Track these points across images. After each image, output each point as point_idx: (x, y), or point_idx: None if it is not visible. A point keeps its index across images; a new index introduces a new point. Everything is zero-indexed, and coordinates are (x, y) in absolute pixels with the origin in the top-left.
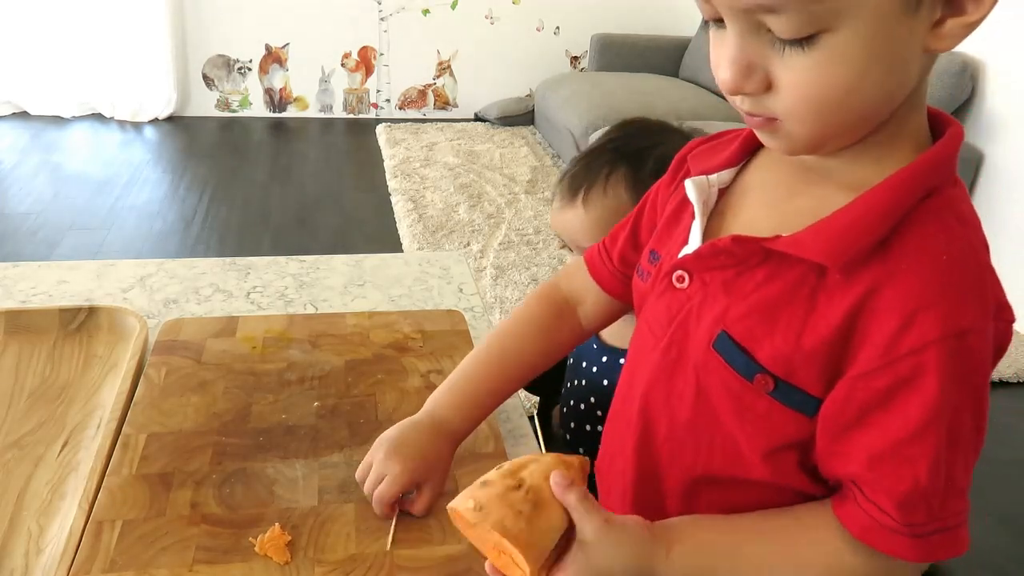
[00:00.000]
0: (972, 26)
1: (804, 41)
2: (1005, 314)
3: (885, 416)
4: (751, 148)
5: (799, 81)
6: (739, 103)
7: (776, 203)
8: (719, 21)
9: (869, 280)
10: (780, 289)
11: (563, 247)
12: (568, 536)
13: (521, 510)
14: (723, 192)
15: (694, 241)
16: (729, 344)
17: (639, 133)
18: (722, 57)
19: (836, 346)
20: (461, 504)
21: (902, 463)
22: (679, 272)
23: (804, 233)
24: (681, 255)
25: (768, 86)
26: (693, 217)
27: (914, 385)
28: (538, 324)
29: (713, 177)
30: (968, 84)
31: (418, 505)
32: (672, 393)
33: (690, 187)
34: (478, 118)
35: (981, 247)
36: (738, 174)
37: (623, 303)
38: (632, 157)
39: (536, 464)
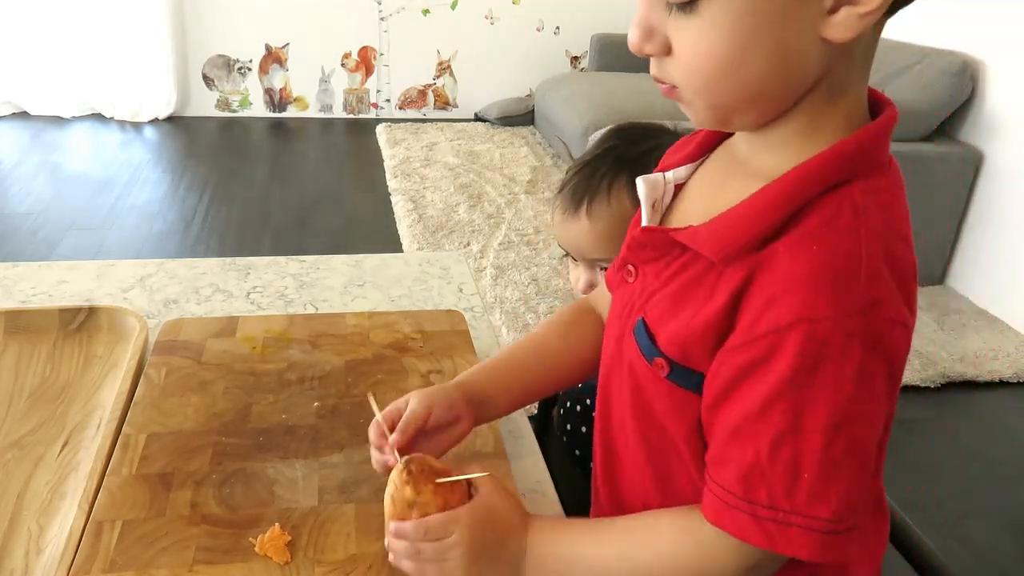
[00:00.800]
0: (867, 17)
1: (687, 6)
2: (886, 312)
3: (741, 392)
4: (709, 145)
5: (684, 46)
6: (651, 68)
7: (708, 196)
8: None
9: (754, 264)
10: (691, 276)
11: (565, 256)
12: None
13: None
14: (680, 188)
15: None
16: (642, 329)
17: (636, 137)
18: (633, 18)
19: (720, 326)
20: None
21: (748, 437)
22: (628, 266)
23: (703, 225)
24: None
25: (668, 51)
26: None
27: (767, 364)
28: (558, 319)
29: (670, 174)
30: (968, 84)
31: None
32: (620, 384)
33: (640, 184)
34: (478, 118)
35: (876, 241)
36: (696, 171)
37: None
38: (633, 163)
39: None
